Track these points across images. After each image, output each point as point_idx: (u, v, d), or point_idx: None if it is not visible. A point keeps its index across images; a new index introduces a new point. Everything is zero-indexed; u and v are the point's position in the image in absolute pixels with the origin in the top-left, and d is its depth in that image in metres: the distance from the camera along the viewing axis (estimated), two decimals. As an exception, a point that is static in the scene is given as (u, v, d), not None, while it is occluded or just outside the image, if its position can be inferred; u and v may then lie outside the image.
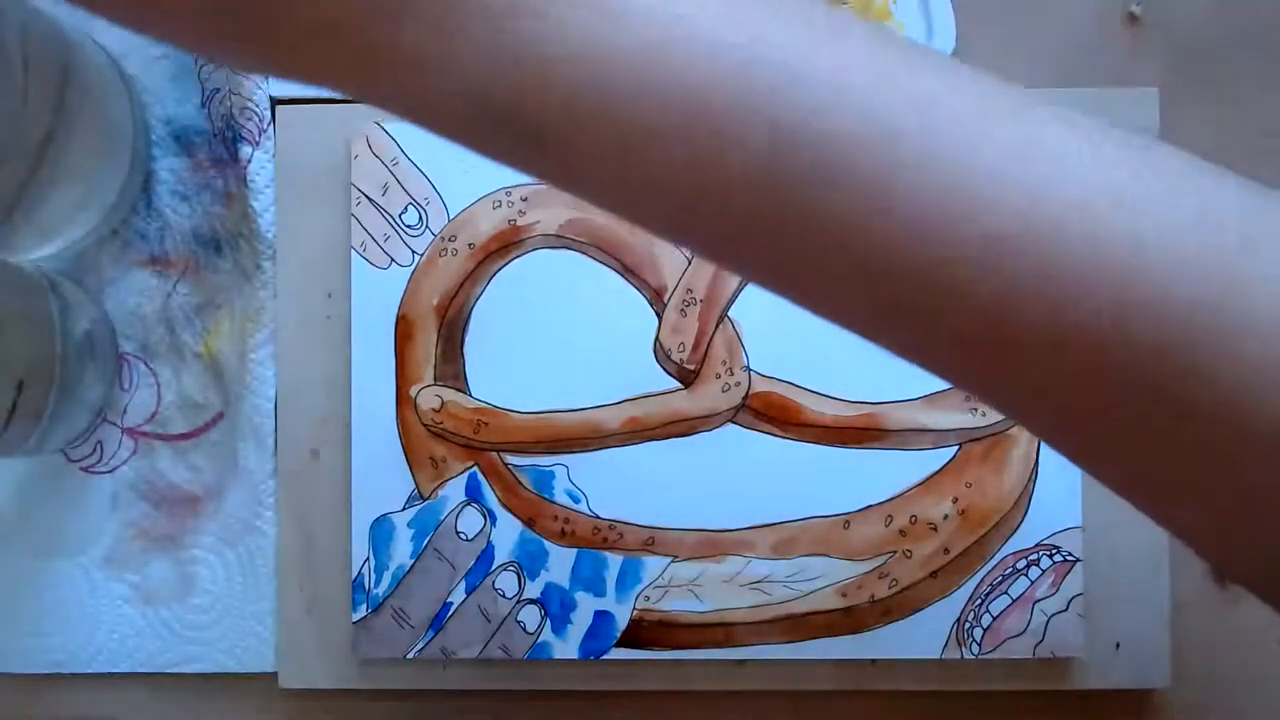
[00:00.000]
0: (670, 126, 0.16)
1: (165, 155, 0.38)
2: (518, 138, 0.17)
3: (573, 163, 0.17)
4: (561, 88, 0.16)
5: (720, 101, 0.16)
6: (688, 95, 0.16)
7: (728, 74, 0.16)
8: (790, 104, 0.16)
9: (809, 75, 0.16)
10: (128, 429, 0.38)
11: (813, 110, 0.16)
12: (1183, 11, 0.37)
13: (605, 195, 0.18)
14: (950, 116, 0.17)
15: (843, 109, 0.16)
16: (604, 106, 0.16)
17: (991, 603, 0.35)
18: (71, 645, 0.38)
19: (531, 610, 0.36)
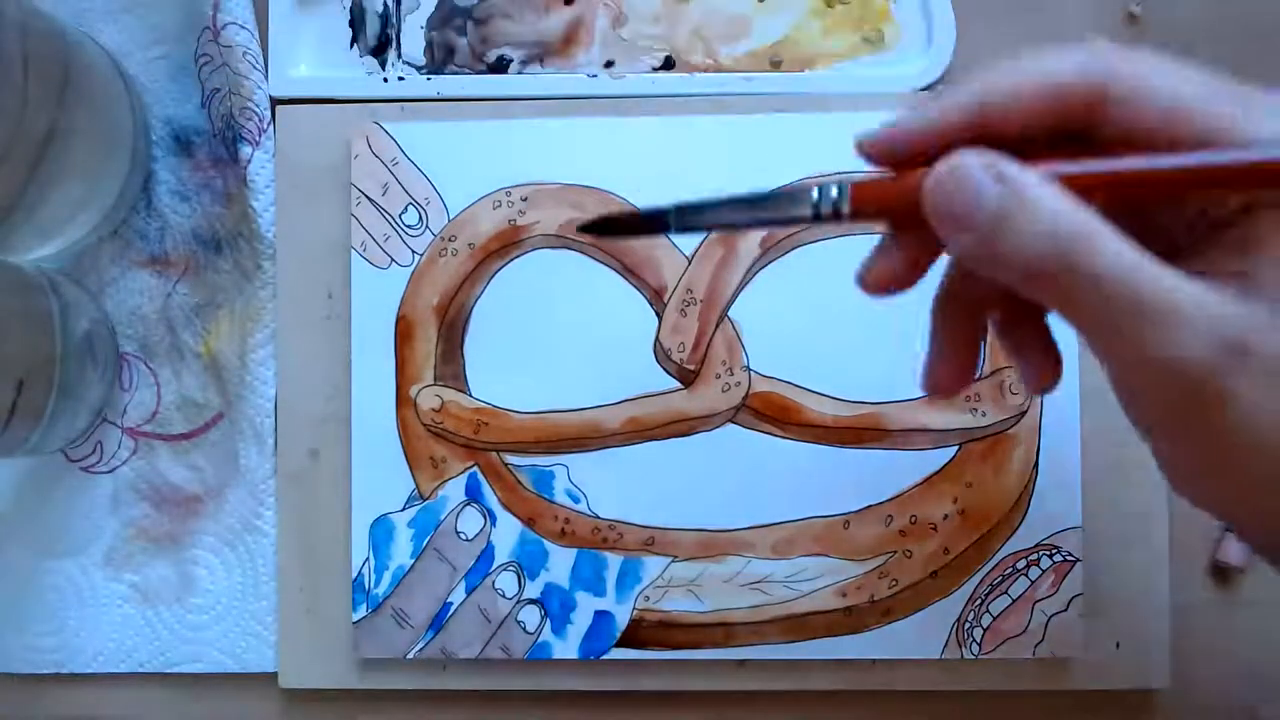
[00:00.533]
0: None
1: (165, 155, 0.38)
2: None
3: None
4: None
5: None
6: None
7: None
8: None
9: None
10: (128, 429, 0.38)
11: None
12: (1183, 11, 0.37)
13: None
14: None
15: None
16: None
17: (991, 603, 0.35)
18: (71, 645, 0.38)
19: (531, 610, 0.36)
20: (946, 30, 0.37)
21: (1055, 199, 0.20)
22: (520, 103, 0.37)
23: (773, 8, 0.37)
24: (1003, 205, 0.20)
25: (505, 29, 0.38)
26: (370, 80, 0.38)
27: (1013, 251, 0.20)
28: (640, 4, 0.37)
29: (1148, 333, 0.20)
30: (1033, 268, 0.20)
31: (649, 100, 0.37)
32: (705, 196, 0.25)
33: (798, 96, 0.36)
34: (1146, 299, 0.19)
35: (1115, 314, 0.20)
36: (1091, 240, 0.20)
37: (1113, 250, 0.20)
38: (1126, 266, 0.19)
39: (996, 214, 0.20)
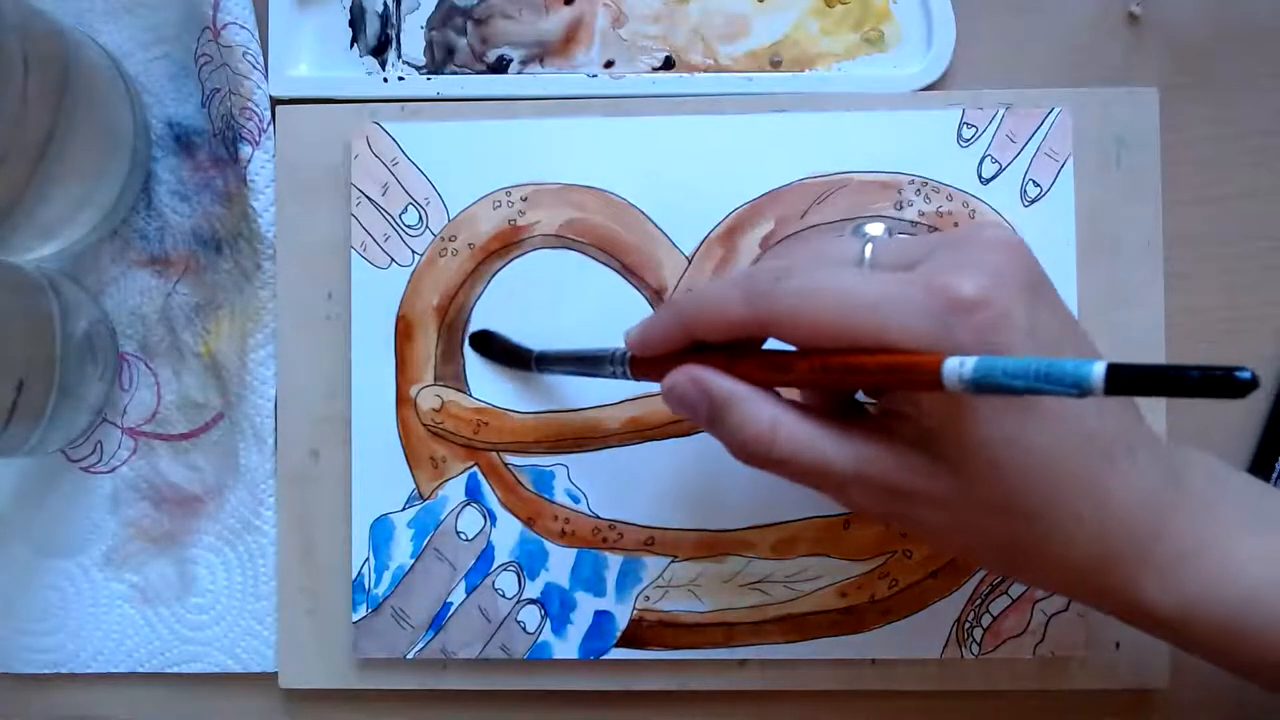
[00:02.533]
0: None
1: (165, 155, 0.38)
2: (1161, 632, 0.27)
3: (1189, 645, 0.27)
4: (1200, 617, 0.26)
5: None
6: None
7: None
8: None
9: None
10: (128, 429, 0.38)
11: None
12: (1183, 11, 0.37)
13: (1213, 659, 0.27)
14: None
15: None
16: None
17: (991, 603, 0.35)
18: (71, 645, 0.38)
19: (531, 610, 0.36)
20: (946, 30, 0.37)
21: (747, 404, 0.26)
22: (520, 103, 0.37)
23: (773, 8, 0.37)
24: (707, 411, 0.27)
25: (505, 29, 0.38)
26: (370, 80, 0.38)
27: (725, 441, 0.27)
28: (640, 4, 0.37)
29: (835, 489, 0.26)
30: (737, 454, 0.27)
31: (649, 100, 0.37)
32: (555, 350, 0.34)
33: (798, 96, 0.36)
34: (822, 469, 0.26)
35: (807, 480, 0.26)
36: (775, 433, 0.26)
37: (793, 437, 0.25)
38: (803, 449, 0.25)
39: (708, 413, 0.27)
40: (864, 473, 0.25)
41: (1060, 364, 0.20)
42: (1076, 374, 0.20)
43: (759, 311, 0.25)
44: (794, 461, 0.26)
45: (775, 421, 0.26)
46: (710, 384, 0.27)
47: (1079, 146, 0.36)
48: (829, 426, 0.26)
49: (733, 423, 0.26)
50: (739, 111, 0.36)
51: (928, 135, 0.36)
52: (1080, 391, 0.20)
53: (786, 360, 0.26)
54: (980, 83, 0.37)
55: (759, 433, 0.26)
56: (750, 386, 0.26)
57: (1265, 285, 0.37)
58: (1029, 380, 0.21)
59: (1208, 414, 0.36)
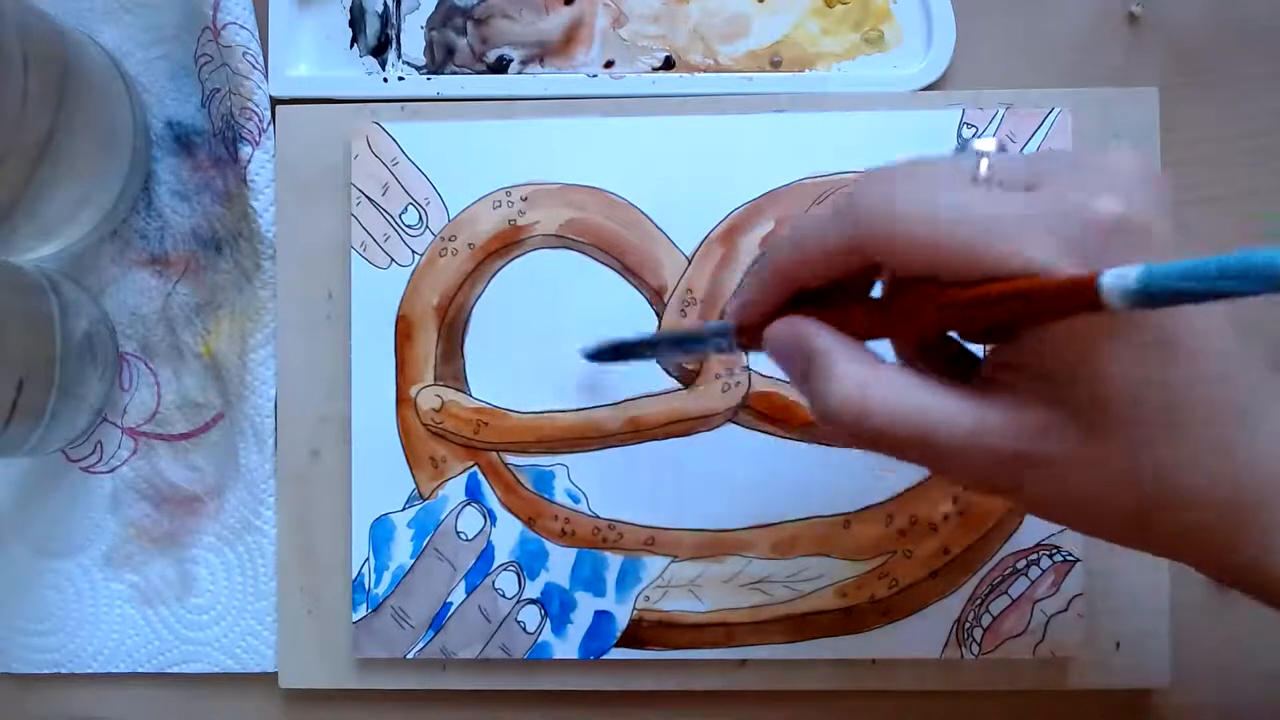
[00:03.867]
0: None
1: (165, 155, 0.38)
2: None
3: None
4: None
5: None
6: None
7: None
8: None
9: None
10: (128, 429, 0.38)
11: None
12: (1183, 11, 0.37)
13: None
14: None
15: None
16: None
17: (991, 603, 0.35)
18: (71, 645, 0.38)
19: (531, 610, 0.36)
20: (946, 30, 0.37)
21: (836, 362, 0.23)
22: (520, 103, 0.37)
23: (773, 8, 0.37)
24: (803, 370, 0.24)
25: (505, 29, 0.38)
26: (370, 80, 0.38)
27: (813, 400, 0.24)
28: (640, 4, 0.37)
29: (938, 462, 0.23)
30: (824, 418, 0.23)
31: (649, 100, 0.37)
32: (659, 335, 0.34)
33: (797, 96, 0.36)
34: (925, 440, 0.23)
35: (907, 454, 0.23)
36: (865, 399, 0.23)
37: (888, 404, 0.23)
38: (900, 417, 0.23)
39: (801, 370, 0.24)
40: (978, 440, 0.22)
41: (1248, 256, 0.18)
42: (1271, 263, 0.18)
43: (865, 236, 0.23)
44: (891, 428, 0.23)
45: (869, 380, 0.23)
46: (804, 337, 0.24)
47: (1079, 146, 0.35)
48: (936, 388, 0.23)
49: (821, 379, 0.23)
50: (739, 111, 0.36)
51: (928, 135, 0.36)
52: (1275, 285, 0.18)
53: (899, 302, 0.23)
54: (980, 83, 0.37)
55: (847, 393, 0.23)
56: (848, 342, 0.23)
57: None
58: (1209, 280, 0.18)
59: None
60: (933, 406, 0.22)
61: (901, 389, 0.23)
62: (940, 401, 0.22)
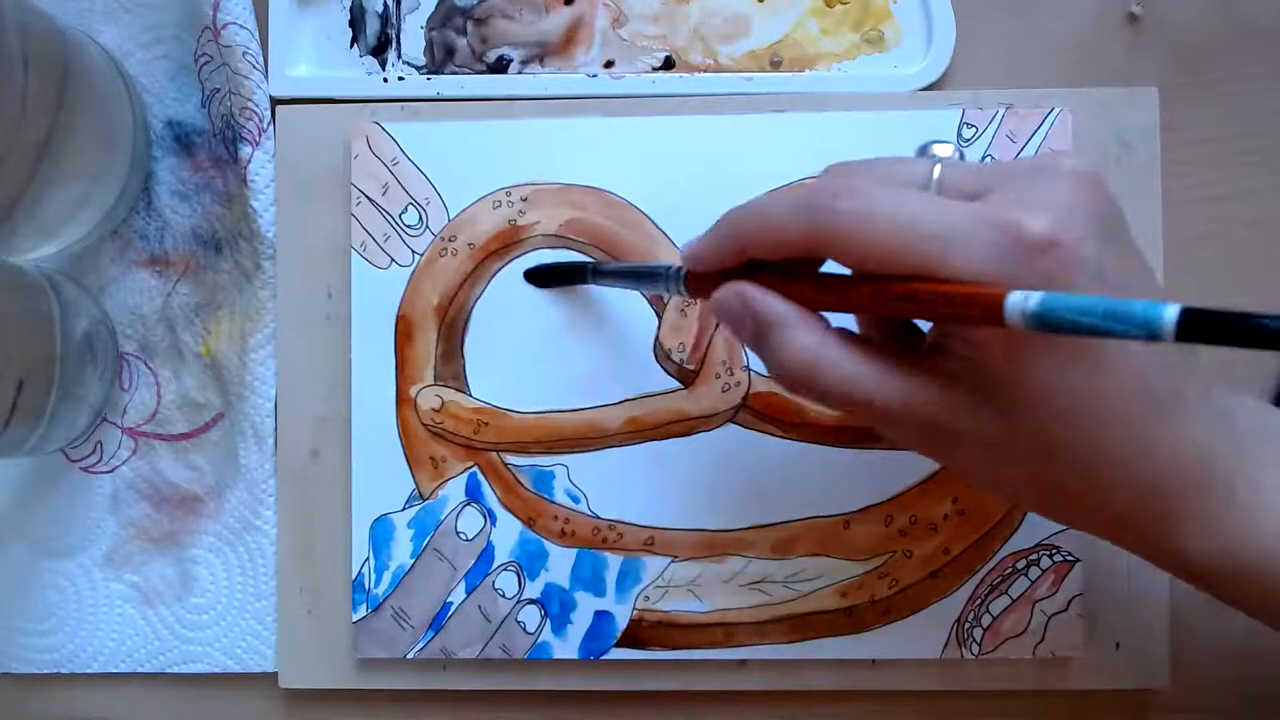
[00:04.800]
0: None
1: (165, 155, 0.38)
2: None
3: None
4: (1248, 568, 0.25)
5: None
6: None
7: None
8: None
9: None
10: (128, 429, 0.38)
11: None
12: (1183, 11, 0.37)
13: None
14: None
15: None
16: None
17: (991, 603, 0.35)
18: (71, 645, 0.38)
19: (531, 610, 0.36)
20: (946, 30, 0.37)
21: (791, 328, 0.25)
22: (520, 103, 0.37)
23: (773, 8, 0.37)
24: (753, 332, 0.26)
25: (505, 29, 0.38)
26: (370, 80, 0.38)
27: (767, 364, 0.26)
28: (640, 4, 0.37)
29: (876, 420, 0.26)
30: (780, 379, 0.26)
31: (649, 100, 0.37)
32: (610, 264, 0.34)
33: (798, 96, 0.36)
34: (862, 400, 0.25)
35: (846, 410, 0.26)
36: (816, 362, 0.25)
37: (833, 367, 0.25)
38: (844, 379, 0.25)
39: (753, 333, 0.26)
40: (907, 409, 0.25)
41: (1130, 304, 0.19)
42: (1146, 315, 0.19)
43: (815, 230, 0.24)
44: (835, 393, 0.25)
45: (819, 350, 0.25)
46: (757, 303, 0.26)
47: (1079, 146, 0.35)
48: (875, 358, 0.25)
49: (775, 347, 0.25)
50: (739, 111, 0.36)
51: (928, 135, 0.36)
52: (1149, 335, 0.19)
53: (842, 284, 0.25)
54: (980, 83, 0.37)
55: (801, 360, 0.25)
56: (799, 310, 0.25)
57: (1265, 285, 0.37)
58: (1096, 318, 0.20)
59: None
60: (871, 374, 0.25)
61: (843, 359, 0.25)
62: (878, 371, 0.25)
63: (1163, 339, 0.19)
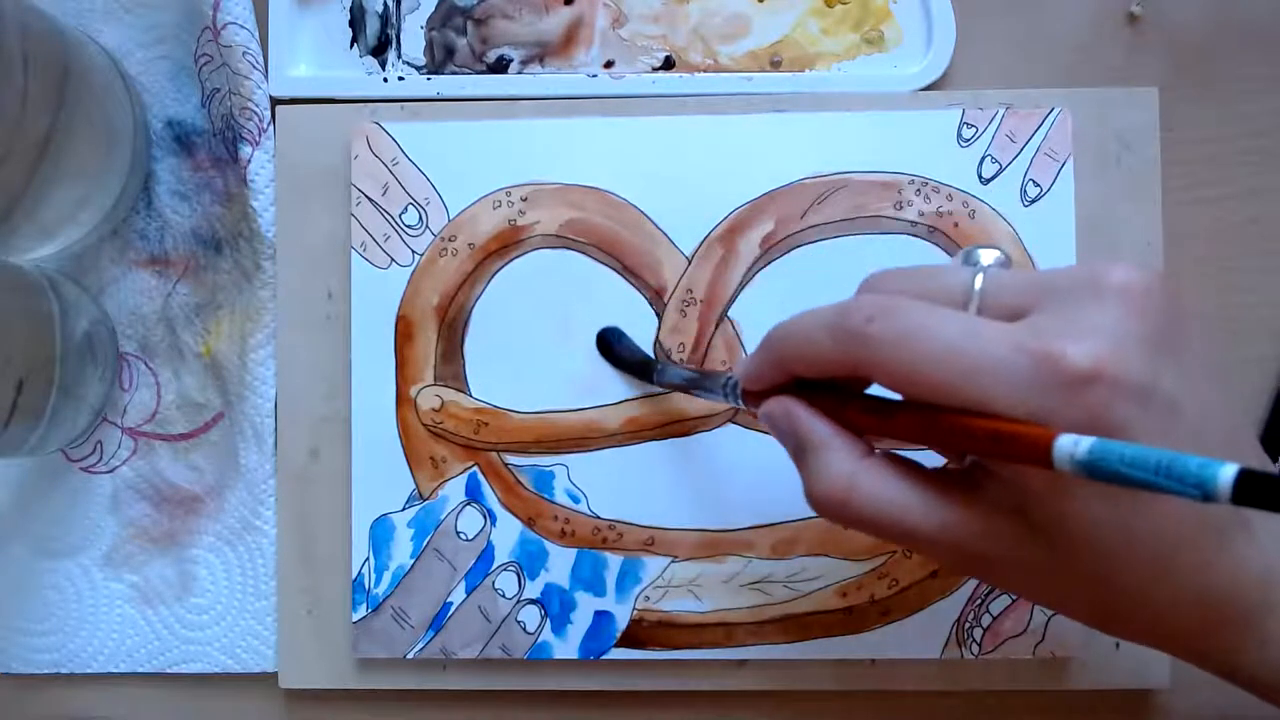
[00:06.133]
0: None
1: (165, 155, 0.38)
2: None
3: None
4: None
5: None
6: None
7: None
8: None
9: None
10: (128, 429, 0.38)
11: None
12: (1183, 11, 0.37)
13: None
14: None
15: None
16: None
17: (991, 603, 0.35)
18: (71, 645, 0.38)
19: (531, 610, 0.36)
20: (946, 30, 0.37)
21: (826, 452, 0.25)
22: (520, 103, 0.37)
23: (773, 8, 0.37)
24: (794, 449, 0.26)
25: (505, 29, 0.38)
26: (370, 80, 0.38)
27: (804, 484, 0.26)
28: (640, 4, 0.37)
29: (915, 548, 0.26)
30: (813, 504, 0.25)
31: (649, 100, 0.37)
32: (671, 370, 0.34)
33: (798, 96, 0.36)
34: (899, 530, 0.24)
35: (883, 536, 0.25)
36: (850, 490, 0.24)
37: (869, 496, 0.24)
38: (879, 508, 0.24)
39: (794, 451, 0.26)
40: (951, 541, 0.24)
41: (1184, 461, 0.18)
42: (1201, 475, 0.18)
43: (849, 355, 0.24)
44: (869, 522, 0.24)
45: (851, 479, 0.24)
46: (799, 422, 0.25)
47: (1079, 146, 0.36)
48: (915, 485, 0.24)
49: (810, 469, 0.25)
50: (739, 111, 0.36)
51: (928, 135, 0.36)
52: (1203, 495, 0.18)
53: (889, 410, 0.24)
54: (980, 83, 0.37)
55: (833, 487, 0.24)
56: (840, 433, 0.25)
57: (1265, 285, 0.37)
58: (1147, 473, 0.19)
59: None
60: (909, 504, 0.24)
61: (883, 486, 0.24)
62: (916, 499, 0.24)
63: (1217, 500, 0.18)
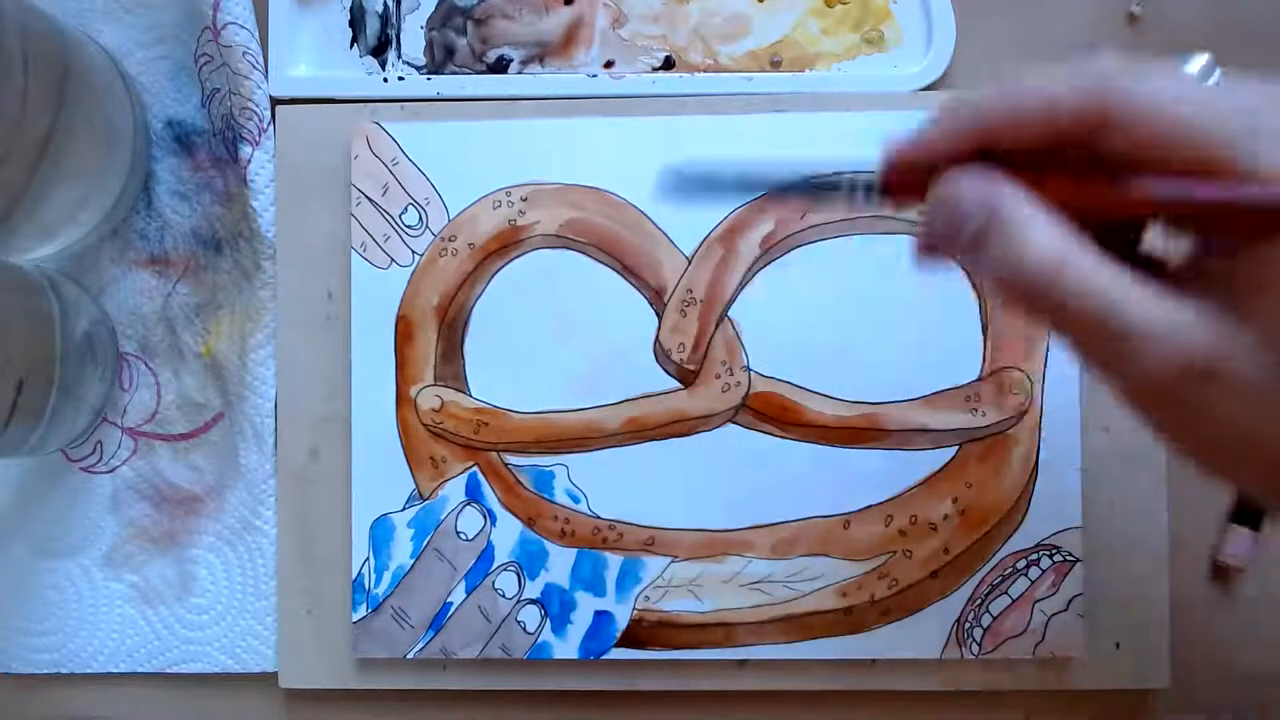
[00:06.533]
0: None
1: (165, 155, 0.38)
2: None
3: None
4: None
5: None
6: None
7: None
8: None
9: None
10: (128, 429, 0.38)
11: None
12: (1183, 11, 0.37)
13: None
14: None
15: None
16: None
17: (991, 603, 0.35)
18: (71, 645, 0.38)
19: (531, 610, 0.36)
20: (946, 30, 0.37)
21: (1033, 224, 0.21)
22: (520, 103, 0.37)
23: (773, 8, 0.37)
24: (982, 227, 0.22)
25: (505, 29, 0.38)
26: (370, 80, 0.38)
27: (992, 270, 0.22)
28: (640, 4, 0.37)
29: (1119, 352, 0.21)
30: (1007, 288, 0.22)
31: (649, 100, 0.37)
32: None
33: (798, 96, 0.36)
34: (1115, 320, 0.21)
35: (1086, 333, 0.21)
36: (1063, 265, 0.21)
37: (1084, 274, 0.21)
38: (1095, 289, 0.21)
39: (976, 235, 0.22)
40: (1176, 336, 0.20)
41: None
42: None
43: (1098, 100, 0.21)
44: (1081, 306, 0.21)
45: (1067, 253, 0.21)
46: (998, 192, 0.22)
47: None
48: (1129, 272, 0.21)
49: (1014, 242, 0.21)
50: (739, 111, 0.36)
51: (928, 135, 0.36)
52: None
53: (1113, 184, 0.21)
54: (980, 83, 0.37)
55: (1047, 257, 0.21)
56: (1045, 206, 0.21)
57: (1265, 285, 0.37)
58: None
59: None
60: (1130, 291, 0.21)
61: (1101, 265, 0.21)
62: (1138, 287, 0.21)
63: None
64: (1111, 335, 0.21)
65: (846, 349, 0.36)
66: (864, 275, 0.36)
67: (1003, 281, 0.22)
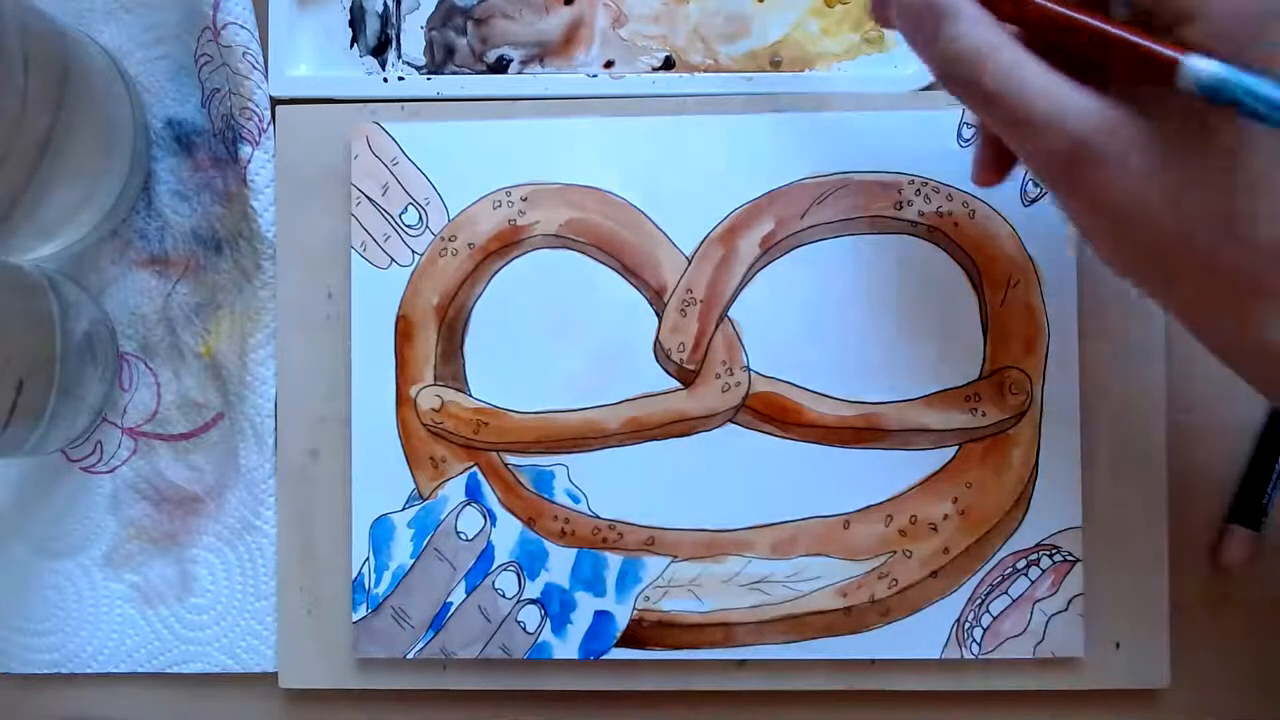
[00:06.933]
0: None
1: (165, 155, 0.38)
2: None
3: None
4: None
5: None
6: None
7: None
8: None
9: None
10: (128, 429, 0.38)
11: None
12: (1183, 11, 0.37)
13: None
14: None
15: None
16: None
17: (991, 603, 0.35)
18: (71, 645, 0.38)
19: (531, 610, 0.36)
20: (946, 30, 0.37)
21: (973, 18, 0.25)
22: (520, 103, 0.37)
23: (773, 8, 0.37)
24: (930, 15, 0.26)
25: (505, 29, 0.38)
26: (370, 80, 0.38)
27: (934, 55, 0.26)
28: (640, 4, 0.37)
29: (1021, 135, 0.25)
30: (941, 71, 0.26)
31: (649, 100, 0.37)
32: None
33: (798, 96, 0.36)
34: (1021, 108, 0.24)
35: (997, 117, 0.25)
36: (988, 57, 0.25)
37: (1003, 65, 0.24)
38: (1011, 78, 0.24)
39: (927, 21, 0.26)
40: (1073, 125, 0.24)
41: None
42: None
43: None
44: (999, 94, 0.24)
45: (995, 48, 0.25)
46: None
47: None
48: (1054, 71, 0.24)
49: (948, 35, 0.25)
50: (739, 111, 0.36)
51: (928, 135, 0.36)
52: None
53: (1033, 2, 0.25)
54: (980, 83, 0.37)
55: (973, 51, 0.25)
56: (982, 7, 0.25)
57: (1265, 285, 0.37)
58: (1269, 105, 0.21)
59: (1208, 412, 0.36)
60: (1047, 85, 0.24)
61: (1024, 61, 0.24)
62: (1055, 82, 0.24)
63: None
64: (1015, 120, 0.24)
65: (846, 349, 0.36)
66: (864, 275, 0.36)
67: (939, 65, 0.26)
